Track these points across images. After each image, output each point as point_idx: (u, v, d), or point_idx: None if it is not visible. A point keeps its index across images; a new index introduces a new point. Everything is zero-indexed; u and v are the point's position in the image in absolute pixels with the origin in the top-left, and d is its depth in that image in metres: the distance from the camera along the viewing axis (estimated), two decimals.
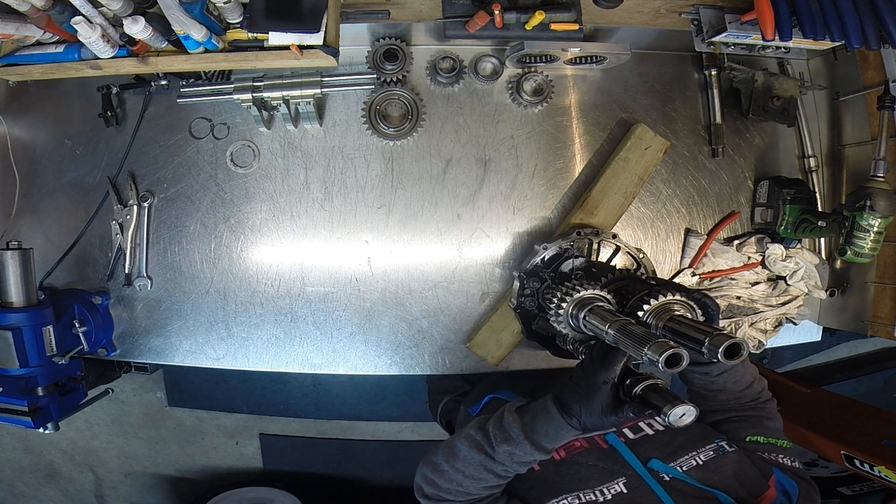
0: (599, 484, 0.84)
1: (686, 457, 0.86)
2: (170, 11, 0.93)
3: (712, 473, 0.83)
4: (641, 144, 1.23)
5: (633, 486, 0.83)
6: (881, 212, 1.11)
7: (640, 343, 0.77)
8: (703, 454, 0.86)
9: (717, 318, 0.89)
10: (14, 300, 1.07)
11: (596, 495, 0.82)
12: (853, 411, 1.96)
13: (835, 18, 1.03)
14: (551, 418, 0.80)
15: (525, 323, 1.17)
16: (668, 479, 0.83)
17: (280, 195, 1.26)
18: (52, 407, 1.14)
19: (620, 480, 0.84)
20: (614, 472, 0.86)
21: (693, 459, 0.85)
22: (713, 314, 0.89)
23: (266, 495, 2.42)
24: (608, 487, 0.83)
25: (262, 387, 2.54)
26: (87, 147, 1.26)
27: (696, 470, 0.84)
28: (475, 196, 1.27)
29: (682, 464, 0.85)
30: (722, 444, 0.87)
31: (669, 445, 0.89)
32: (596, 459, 0.89)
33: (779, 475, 0.84)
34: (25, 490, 2.63)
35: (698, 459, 0.85)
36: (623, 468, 0.86)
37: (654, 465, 0.85)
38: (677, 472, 0.83)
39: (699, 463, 0.84)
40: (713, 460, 0.85)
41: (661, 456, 0.86)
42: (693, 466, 0.84)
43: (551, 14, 1.12)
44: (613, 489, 0.83)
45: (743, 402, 0.97)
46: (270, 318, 1.26)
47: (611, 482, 0.84)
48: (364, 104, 1.24)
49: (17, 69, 1.07)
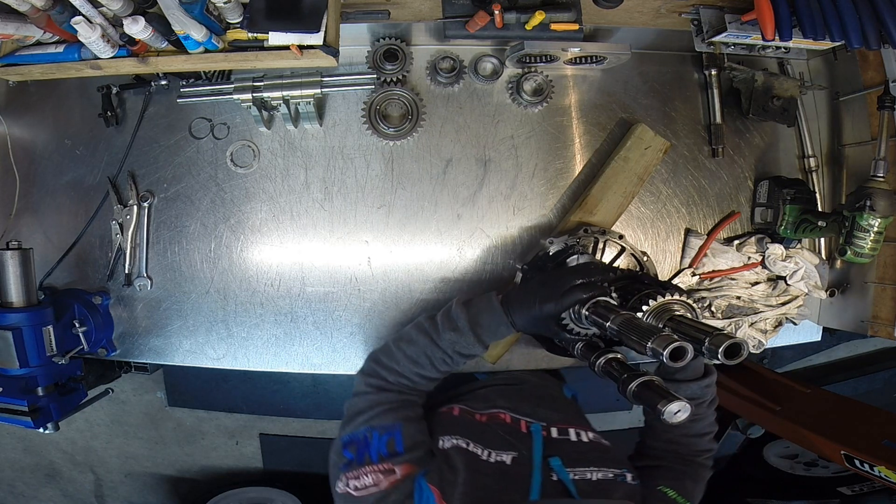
0: (493, 447, 0.84)
1: (585, 468, 0.84)
2: (170, 11, 0.93)
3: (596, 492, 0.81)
4: (641, 144, 1.23)
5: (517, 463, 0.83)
6: (881, 212, 1.11)
7: (643, 337, 0.77)
8: (602, 473, 0.83)
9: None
10: (14, 300, 1.07)
11: (481, 452, 0.83)
12: (853, 411, 1.96)
13: (835, 18, 1.03)
14: (494, 314, 0.87)
15: None
16: (554, 479, 0.81)
17: (280, 195, 1.26)
18: (52, 407, 1.14)
19: (511, 454, 0.84)
20: (512, 446, 0.86)
21: (589, 473, 0.83)
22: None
23: (266, 495, 2.43)
24: (497, 453, 0.83)
25: (262, 387, 2.54)
26: (87, 147, 1.26)
27: (585, 483, 0.81)
28: (475, 196, 1.27)
29: (577, 472, 0.83)
30: (625, 475, 0.85)
31: (579, 454, 0.87)
32: (506, 433, 0.89)
33: None
34: (25, 490, 2.64)
35: (595, 476, 0.83)
36: (523, 449, 0.86)
37: (554, 462, 0.84)
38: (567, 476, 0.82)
39: (591, 479, 0.82)
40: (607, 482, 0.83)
41: (565, 459, 0.85)
42: (584, 479, 0.82)
43: (551, 14, 1.12)
44: (500, 457, 0.83)
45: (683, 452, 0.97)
46: (270, 318, 1.26)
47: (504, 451, 0.84)
48: (364, 104, 1.24)
49: (17, 69, 1.07)
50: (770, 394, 1.81)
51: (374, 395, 0.90)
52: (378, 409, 0.87)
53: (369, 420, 0.85)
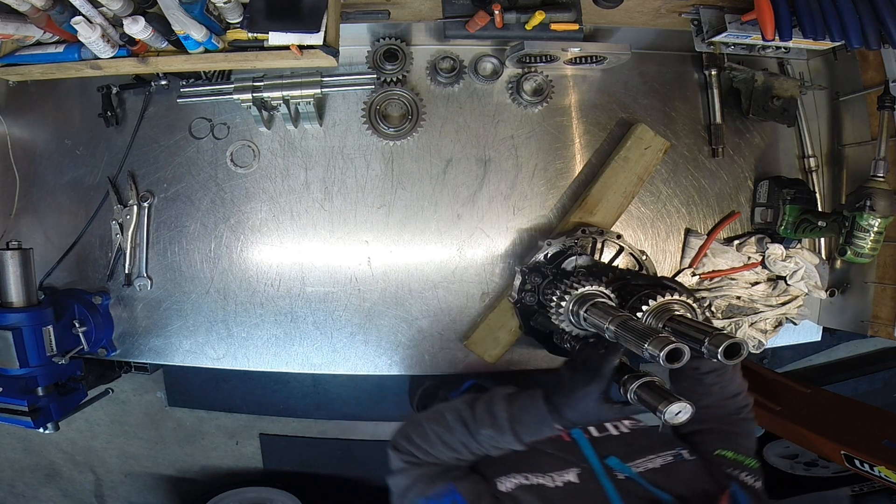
0: (552, 470, 0.84)
1: (643, 459, 0.85)
2: (170, 11, 0.93)
3: (666, 478, 0.82)
4: (641, 144, 1.23)
5: (584, 478, 0.83)
6: (881, 212, 1.11)
7: (640, 338, 0.77)
8: (661, 459, 0.85)
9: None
10: (14, 300, 1.07)
11: (546, 479, 0.82)
12: (853, 411, 1.96)
13: (835, 18, 1.03)
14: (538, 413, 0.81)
15: (524, 319, 1.17)
16: (621, 477, 0.83)
17: (280, 195, 1.26)
18: (52, 407, 1.14)
19: (574, 470, 0.84)
20: (570, 462, 0.86)
21: (650, 462, 0.85)
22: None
23: (266, 495, 2.42)
24: (559, 475, 0.83)
25: (262, 387, 2.53)
26: (87, 147, 1.26)
27: (652, 473, 0.83)
28: (475, 196, 1.27)
29: (638, 465, 0.84)
30: (681, 453, 0.87)
31: (630, 447, 0.88)
32: (555, 449, 0.88)
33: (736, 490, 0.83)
34: (25, 490, 2.63)
35: (655, 463, 0.85)
36: (579, 460, 0.86)
37: (612, 462, 0.85)
38: (632, 471, 0.83)
39: (655, 467, 0.84)
40: (670, 465, 0.84)
41: (621, 455, 0.86)
42: (649, 469, 0.84)
43: (551, 14, 1.12)
44: (565, 478, 0.83)
45: (723, 414, 0.97)
46: (270, 318, 1.26)
47: (564, 470, 0.84)
48: (364, 104, 1.24)
49: (17, 69, 1.07)
50: (770, 394, 1.81)
51: (415, 469, 0.89)
52: (425, 480, 0.85)
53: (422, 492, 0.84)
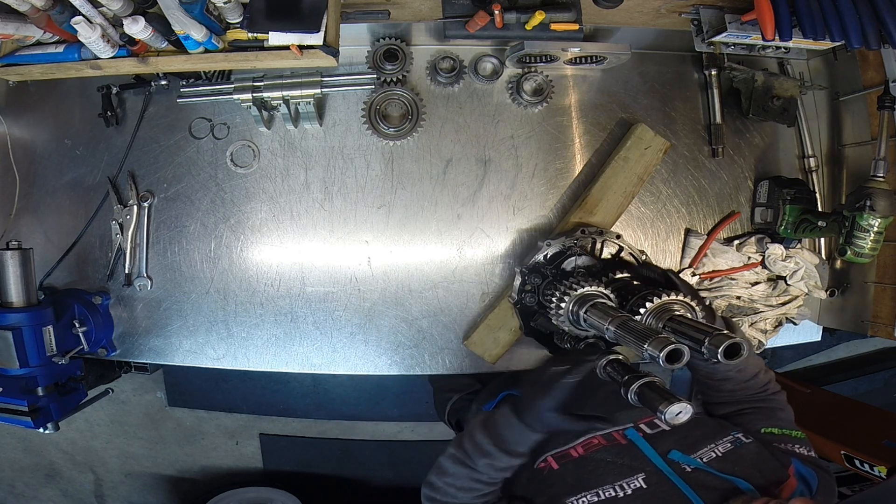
0: (618, 479, 0.84)
1: (705, 448, 0.86)
2: (170, 11, 0.93)
3: (732, 464, 0.83)
4: (641, 144, 1.23)
5: (652, 480, 0.83)
6: (881, 212, 1.11)
7: (640, 339, 0.77)
8: (722, 446, 0.86)
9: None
10: (14, 300, 1.07)
11: (616, 491, 0.82)
12: (853, 411, 1.96)
13: (835, 18, 1.03)
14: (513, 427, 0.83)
15: (524, 319, 1.17)
16: (689, 469, 0.83)
17: (280, 195, 1.26)
18: (52, 407, 1.14)
19: (640, 476, 0.84)
20: (633, 467, 0.86)
21: (712, 451, 0.85)
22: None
23: (266, 495, 2.42)
24: (628, 483, 0.83)
25: (262, 387, 2.54)
26: (87, 147, 1.26)
27: (717, 461, 0.84)
28: (475, 196, 1.27)
29: (702, 455, 0.85)
30: (738, 436, 0.88)
31: (687, 438, 0.88)
32: (614, 456, 0.88)
33: (797, 465, 0.84)
34: (25, 490, 2.63)
35: (717, 451, 0.85)
36: (642, 463, 0.86)
37: (675, 455, 0.85)
38: (699, 462, 0.83)
39: (718, 455, 0.85)
40: (732, 451, 0.85)
41: (681, 448, 0.86)
42: (713, 458, 0.84)
43: (551, 14, 1.12)
44: (633, 484, 0.83)
45: (750, 393, 0.97)
46: (270, 318, 1.26)
47: (630, 478, 0.84)
48: (364, 104, 1.24)
49: (17, 69, 1.07)
50: None
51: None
52: None
53: None
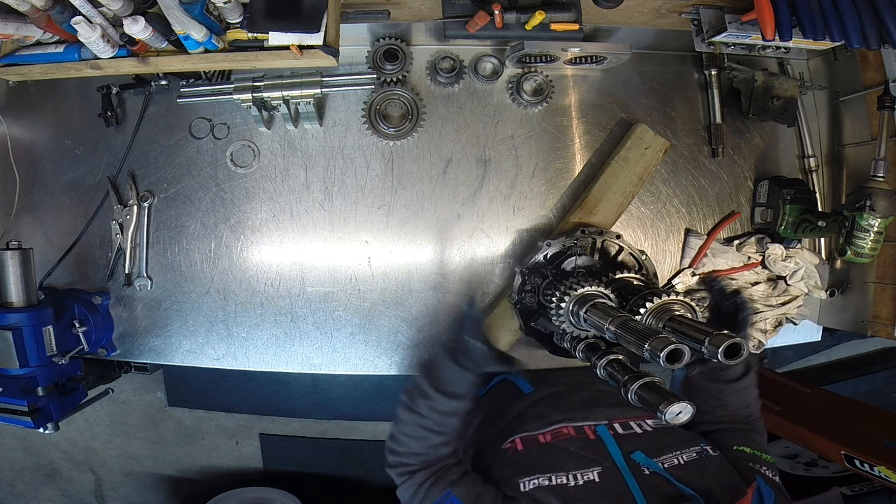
0: (574, 469, 0.85)
1: (669, 454, 0.86)
2: (170, 11, 0.93)
3: (692, 474, 0.83)
4: (641, 144, 1.23)
5: (606, 476, 0.83)
6: (881, 212, 1.11)
7: (640, 339, 0.77)
8: (686, 455, 0.86)
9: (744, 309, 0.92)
10: (14, 300, 1.07)
11: (567, 479, 0.83)
12: (853, 411, 1.96)
13: (835, 18, 1.03)
14: (448, 367, 0.87)
15: (524, 319, 1.17)
16: (647, 472, 0.83)
17: (280, 195, 1.26)
18: (52, 407, 1.14)
19: (595, 469, 0.84)
20: (593, 460, 0.86)
21: (676, 458, 0.85)
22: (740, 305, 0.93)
23: (266, 495, 2.42)
24: (582, 473, 0.84)
25: (262, 387, 2.54)
26: (87, 147, 1.26)
27: (677, 468, 0.84)
28: (475, 196, 1.27)
29: (664, 460, 0.85)
30: (706, 448, 0.88)
31: (656, 443, 0.89)
32: (578, 447, 0.89)
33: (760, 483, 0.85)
34: (25, 490, 2.63)
35: (681, 459, 0.85)
36: (602, 458, 0.87)
37: (638, 456, 0.85)
38: (658, 466, 0.84)
39: (681, 462, 0.85)
40: (695, 461, 0.85)
41: (646, 450, 0.87)
42: (675, 465, 0.84)
43: (551, 14, 1.12)
44: (587, 476, 0.83)
45: (737, 418, 1.00)
46: (270, 318, 1.26)
47: (586, 469, 0.84)
48: (364, 104, 1.24)
49: (17, 69, 1.07)
50: (770, 394, 1.82)
51: (410, 479, 0.92)
52: (424, 489, 0.88)
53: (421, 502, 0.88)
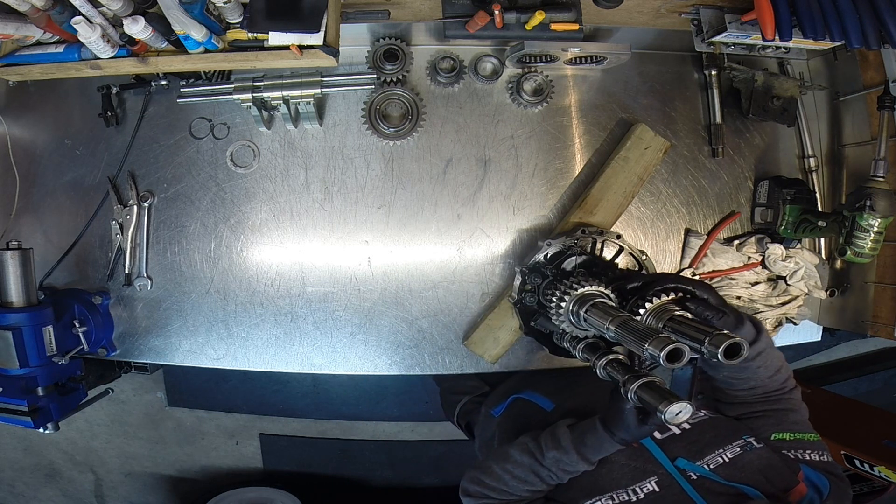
0: (632, 483, 0.85)
1: (713, 454, 0.86)
2: (170, 11, 0.93)
3: (738, 470, 0.83)
4: (641, 144, 1.23)
5: (664, 484, 0.84)
6: (881, 212, 1.11)
7: (641, 339, 0.77)
8: (730, 451, 0.86)
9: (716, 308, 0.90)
10: (14, 300, 1.07)
11: (629, 495, 0.83)
12: (853, 411, 1.96)
13: (835, 18, 1.03)
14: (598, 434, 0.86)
15: (524, 319, 1.17)
16: (695, 477, 0.83)
17: (280, 195, 1.26)
18: (52, 407, 1.14)
19: (652, 479, 0.85)
20: (646, 470, 0.87)
21: (720, 457, 0.85)
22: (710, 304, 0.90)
23: (266, 495, 2.42)
24: (640, 487, 0.84)
25: (262, 387, 2.54)
26: (87, 147, 1.26)
27: (723, 467, 0.84)
28: (475, 196, 1.27)
29: (708, 462, 0.85)
30: (750, 441, 0.88)
31: (696, 444, 0.89)
32: (627, 458, 0.89)
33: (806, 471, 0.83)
34: (25, 490, 2.63)
35: (724, 457, 0.85)
36: (654, 467, 0.87)
37: (681, 463, 0.86)
38: (704, 469, 0.84)
39: (725, 460, 0.85)
40: (739, 457, 0.85)
41: (688, 454, 0.87)
42: (720, 464, 0.84)
43: (551, 14, 1.12)
44: (646, 488, 0.84)
45: (768, 392, 0.96)
46: (270, 318, 1.26)
47: (643, 481, 0.85)
48: (364, 104, 1.24)
49: (17, 69, 1.07)
50: None
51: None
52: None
53: None
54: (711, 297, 0.91)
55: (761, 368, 0.94)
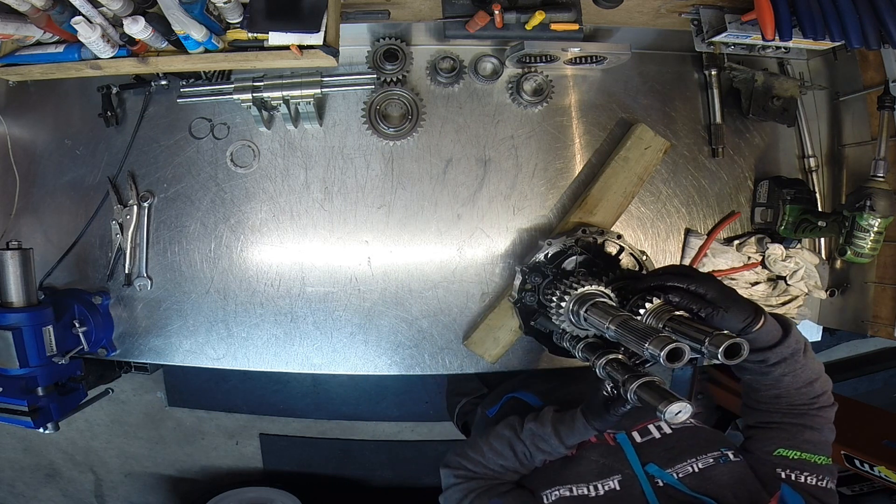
0: (595, 479, 0.85)
1: (684, 463, 0.85)
2: (170, 11, 0.93)
3: (706, 481, 0.82)
4: (641, 144, 1.23)
5: (626, 484, 0.84)
6: (881, 212, 1.11)
7: (641, 338, 0.77)
8: (702, 461, 0.85)
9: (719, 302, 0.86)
10: (14, 300, 1.07)
11: (589, 490, 0.84)
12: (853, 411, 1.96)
13: (835, 18, 1.03)
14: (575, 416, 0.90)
15: (524, 319, 1.17)
16: (661, 484, 0.83)
17: (280, 195, 1.26)
18: (52, 407, 1.14)
19: (616, 478, 0.85)
20: (613, 469, 0.87)
21: (690, 466, 0.85)
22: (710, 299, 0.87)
23: (266, 495, 2.43)
24: (603, 483, 0.85)
25: (262, 387, 2.54)
26: (87, 147, 1.26)
27: (691, 477, 0.83)
28: (475, 196, 1.27)
29: (678, 470, 0.85)
30: (726, 454, 0.86)
31: (671, 451, 0.88)
32: (599, 455, 0.90)
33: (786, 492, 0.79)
34: (25, 490, 2.64)
35: (696, 466, 0.84)
36: (622, 466, 0.87)
37: (651, 469, 0.86)
38: (672, 478, 0.84)
39: (695, 470, 0.84)
40: (711, 468, 0.84)
41: (660, 461, 0.86)
42: (688, 473, 0.84)
43: (551, 14, 1.12)
44: (607, 485, 0.84)
45: (793, 405, 0.89)
46: (270, 318, 1.26)
47: (606, 479, 0.85)
48: (364, 104, 1.24)
49: (17, 69, 1.07)
50: None
51: (464, 483, 0.94)
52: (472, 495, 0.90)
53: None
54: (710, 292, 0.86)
55: (787, 377, 0.87)
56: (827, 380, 0.91)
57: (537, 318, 1.14)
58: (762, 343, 0.86)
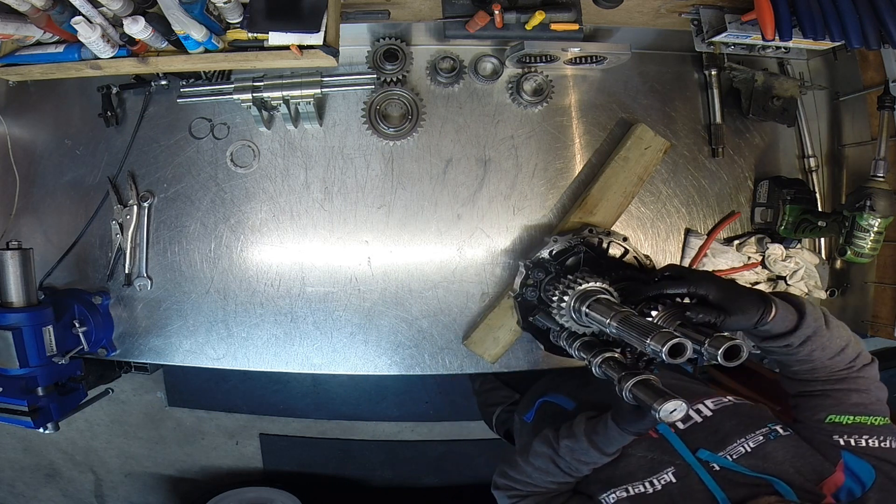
0: (649, 475, 0.84)
1: (734, 444, 0.83)
2: (170, 11, 0.94)
3: (762, 460, 0.80)
4: (641, 144, 1.23)
5: (681, 475, 0.82)
6: (881, 212, 1.11)
7: (642, 334, 0.77)
8: (752, 440, 0.83)
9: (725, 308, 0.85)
10: (14, 300, 1.07)
11: (645, 486, 0.83)
12: None
13: (835, 18, 1.03)
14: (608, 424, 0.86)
15: (523, 314, 1.17)
16: (717, 468, 0.81)
17: (280, 195, 1.26)
18: (52, 407, 1.14)
19: (669, 470, 0.83)
20: (663, 461, 0.85)
21: (741, 447, 0.83)
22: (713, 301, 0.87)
23: (266, 495, 2.43)
24: (657, 478, 0.83)
25: (262, 387, 2.54)
26: (87, 147, 1.26)
27: (746, 457, 0.81)
28: (475, 196, 1.27)
29: (730, 452, 0.83)
30: (775, 429, 0.84)
31: (717, 433, 0.86)
32: (645, 450, 0.88)
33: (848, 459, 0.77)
34: (25, 490, 2.63)
35: (747, 446, 0.82)
36: (672, 457, 0.85)
37: (703, 454, 0.84)
38: (726, 461, 0.82)
39: (748, 450, 0.82)
40: (762, 446, 0.82)
41: (710, 445, 0.85)
42: (742, 454, 0.82)
43: (551, 14, 1.12)
44: (663, 479, 0.83)
45: (832, 372, 0.87)
46: (270, 318, 1.26)
47: (660, 472, 0.84)
48: (364, 104, 1.24)
49: (17, 69, 1.07)
50: (770, 394, 1.81)
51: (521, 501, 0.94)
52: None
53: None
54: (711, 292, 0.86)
55: (816, 351, 0.85)
56: (858, 340, 0.89)
57: (536, 315, 1.14)
58: (780, 329, 0.85)
